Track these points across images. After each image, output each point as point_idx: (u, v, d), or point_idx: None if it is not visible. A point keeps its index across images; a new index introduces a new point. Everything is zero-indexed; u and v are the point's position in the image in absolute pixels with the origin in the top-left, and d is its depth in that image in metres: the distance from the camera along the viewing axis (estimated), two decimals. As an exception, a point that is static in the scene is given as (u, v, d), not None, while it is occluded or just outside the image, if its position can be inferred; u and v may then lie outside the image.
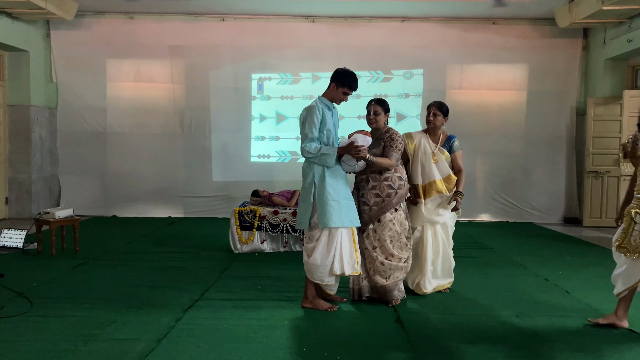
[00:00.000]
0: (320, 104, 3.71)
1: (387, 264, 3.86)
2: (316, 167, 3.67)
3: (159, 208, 8.40)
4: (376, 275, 3.89)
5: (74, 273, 4.73)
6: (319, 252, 3.65)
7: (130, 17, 8.27)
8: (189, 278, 4.60)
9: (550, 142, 8.37)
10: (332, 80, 3.72)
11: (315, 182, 3.66)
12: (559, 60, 8.30)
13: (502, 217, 8.41)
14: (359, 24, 8.30)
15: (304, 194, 3.74)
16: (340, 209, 3.62)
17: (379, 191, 3.86)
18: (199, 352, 2.98)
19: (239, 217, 5.66)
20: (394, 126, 8.32)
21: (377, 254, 3.88)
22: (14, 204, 8.05)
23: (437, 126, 4.15)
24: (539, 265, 5.29)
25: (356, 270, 3.74)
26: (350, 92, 3.70)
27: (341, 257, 3.65)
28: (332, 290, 3.88)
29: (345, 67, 3.74)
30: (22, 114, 7.93)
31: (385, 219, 3.86)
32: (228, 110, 8.46)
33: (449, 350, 3.06)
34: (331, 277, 3.71)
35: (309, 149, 3.62)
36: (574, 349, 3.09)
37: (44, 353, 2.93)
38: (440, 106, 4.17)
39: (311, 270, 3.71)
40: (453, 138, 4.18)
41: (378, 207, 3.86)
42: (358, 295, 3.96)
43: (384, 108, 3.95)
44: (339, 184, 3.68)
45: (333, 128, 3.76)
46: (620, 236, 3.43)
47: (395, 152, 3.85)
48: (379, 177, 3.87)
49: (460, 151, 4.18)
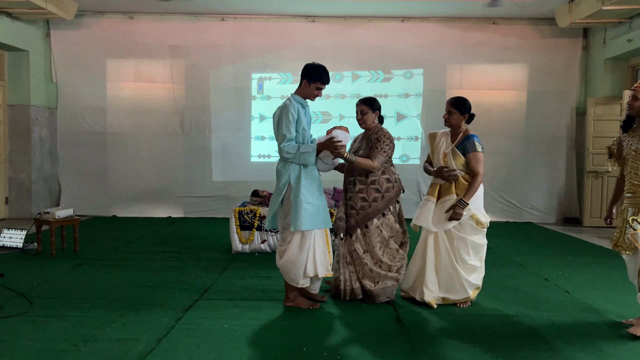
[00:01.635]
0: (294, 102, 3.64)
1: (376, 271, 3.81)
2: (292, 167, 3.62)
3: (159, 208, 8.40)
4: (365, 278, 3.85)
5: (74, 273, 4.73)
6: (291, 254, 3.62)
7: (130, 17, 8.27)
8: (189, 278, 4.60)
9: (550, 142, 8.37)
10: (303, 77, 3.66)
11: (290, 182, 3.62)
12: (559, 60, 8.30)
13: (502, 217, 8.41)
14: (359, 24, 8.30)
15: (275, 194, 3.70)
16: (314, 211, 3.60)
17: (365, 195, 3.78)
18: (199, 352, 2.98)
19: (239, 217, 5.66)
20: (394, 126, 8.37)
21: (367, 259, 3.81)
22: (14, 204, 8.05)
23: (453, 124, 3.83)
24: (539, 265, 5.29)
25: (329, 272, 3.75)
26: (323, 86, 3.67)
27: (314, 259, 3.64)
28: (313, 290, 3.86)
29: (314, 62, 3.69)
30: (22, 114, 7.94)
31: (372, 225, 3.78)
32: (228, 110, 8.46)
33: (449, 350, 3.06)
34: (305, 279, 3.69)
35: (289, 149, 3.56)
36: (574, 349, 3.08)
37: (44, 353, 2.93)
38: (454, 103, 3.81)
39: (285, 272, 3.70)
40: (470, 138, 3.74)
41: (365, 211, 3.78)
42: (351, 296, 3.89)
43: (372, 107, 3.85)
44: (313, 186, 3.65)
45: (307, 126, 3.72)
46: (615, 235, 3.47)
47: (380, 154, 3.72)
48: (366, 180, 3.78)
49: (476, 153, 3.69)
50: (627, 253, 3.38)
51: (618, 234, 3.44)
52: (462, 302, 3.87)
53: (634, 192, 3.33)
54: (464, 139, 3.77)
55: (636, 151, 3.32)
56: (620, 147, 3.50)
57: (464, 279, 3.80)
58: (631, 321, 3.50)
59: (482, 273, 3.96)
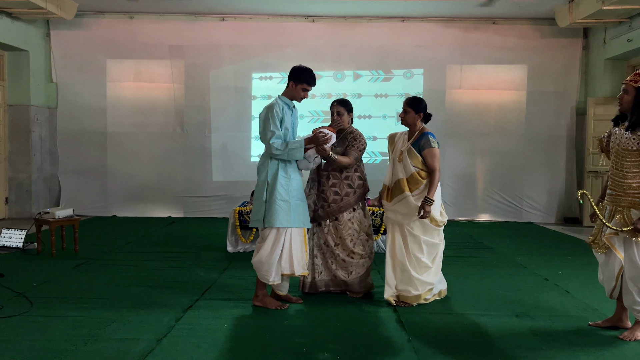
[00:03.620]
0: (280, 102, 3.74)
1: (349, 261, 3.99)
2: (271, 165, 3.69)
3: (159, 208, 8.40)
4: (338, 269, 4.02)
5: (74, 273, 4.73)
6: (264, 250, 3.65)
7: (130, 17, 8.27)
8: (189, 278, 4.60)
9: (550, 142, 8.37)
10: (290, 79, 3.76)
11: (268, 180, 3.67)
12: (559, 60, 8.30)
13: (502, 217, 8.41)
14: (359, 24, 8.29)
15: (257, 192, 3.75)
16: (290, 210, 3.63)
17: (338, 189, 3.97)
18: (199, 352, 2.98)
19: (239, 217, 5.66)
20: (395, 126, 8.36)
21: (339, 251, 3.98)
22: (14, 203, 8.05)
23: (409, 123, 3.90)
24: (539, 265, 5.29)
25: (305, 270, 3.79)
26: (310, 88, 3.77)
27: (290, 257, 3.66)
28: (281, 291, 3.85)
29: (301, 64, 3.79)
30: (22, 114, 7.93)
31: (343, 218, 3.97)
32: (228, 110, 8.46)
33: (449, 350, 3.06)
34: (278, 277, 3.70)
35: (277, 145, 3.63)
36: (574, 349, 3.08)
37: (44, 353, 2.93)
38: (409, 102, 3.88)
39: (257, 268, 3.73)
40: (425, 135, 3.79)
41: (336, 204, 3.97)
42: (313, 289, 4.05)
43: (347, 108, 4.05)
44: (291, 184, 3.69)
45: (291, 127, 3.79)
46: (593, 232, 3.43)
47: (355, 151, 3.95)
48: (340, 176, 3.98)
49: (432, 149, 3.73)
50: (599, 252, 3.34)
51: (596, 232, 3.39)
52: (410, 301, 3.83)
53: (614, 188, 3.24)
54: (419, 137, 3.83)
55: (619, 145, 3.21)
56: (608, 141, 3.39)
57: (415, 278, 3.80)
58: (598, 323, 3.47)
59: (437, 274, 3.96)
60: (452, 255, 5.57)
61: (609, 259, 3.32)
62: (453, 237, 6.53)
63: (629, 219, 3.14)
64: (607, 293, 3.40)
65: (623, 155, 3.19)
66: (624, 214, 3.17)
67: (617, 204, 3.22)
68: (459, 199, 8.43)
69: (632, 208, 3.15)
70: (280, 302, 3.81)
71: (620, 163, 3.21)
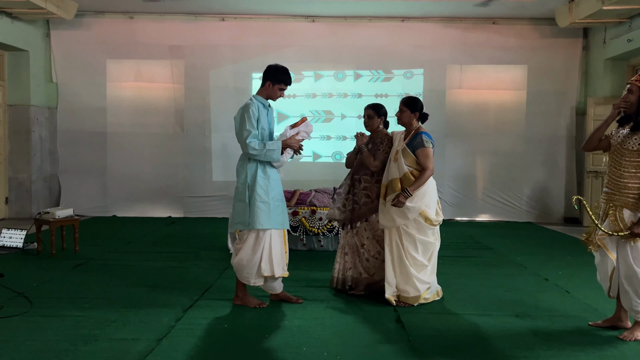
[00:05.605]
0: (255, 101, 3.71)
1: (373, 261, 4.09)
2: (249, 166, 3.68)
3: (159, 208, 8.40)
4: (362, 269, 4.11)
5: (74, 273, 4.73)
6: (245, 252, 3.65)
7: (130, 17, 8.27)
8: (189, 278, 4.60)
9: (550, 141, 8.37)
10: (266, 78, 3.74)
11: (248, 182, 3.66)
12: (559, 60, 8.30)
13: (502, 217, 8.41)
14: (359, 24, 8.29)
15: (238, 194, 3.72)
16: (269, 211, 3.63)
17: (369, 192, 4.07)
18: (199, 352, 2.98)
19: (239, 217, 5.65)
20: (395, 126, 8.33)
21: (364, 250, 4.10)
22: (14, 203, 8.05)
23: (404, 123, 3.95)
24: (539, 265, 5.29)
25: (285, 272, 3.79)
26: (286, 87, 3.76)
27: (270, 258, 3.66)
28: (276, 290, 3.85)
29: (277, 64, 3.78)
30: (22, 114, 7.93)
31: (372, 219, 4.07)
32: (228, 110, 8.43)
33: (449, 350, 3.06)
34: (259, 279, 3.70)
35: (255, 145, 3.60)
36: (574, 349, 3.08)
37: (44, 353, 2.93)
38: (405, 101, 3.95)
39: (237, 270, 3.73)
40: (419, 135, 3.82)
41: (367, 207, 4.07)
42: (342, 285, 4.15)
43: (378, 112, 4.10)
44: (270, 185, 3.69)
45: (267, 126, 3.78)
46: (587, 231, 3.45)
47: (382, 154, 4.02)
48: (371, 179, 4.08)
49: (425, 149, 3.76)
50: (593, 250, 3.38)
51: (590, 230, 3.41)
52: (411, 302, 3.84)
53: (610, 187, 3.26)
54: (414, 136, 3.86)
55: (620, 144, 3.23)
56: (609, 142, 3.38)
57: (414, 276, 3.81)
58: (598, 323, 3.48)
59: (433, 274, 3.97)
60: (452, 255, 5.58)
61: (603, 259, 3.35)
62: (453, 237, 6.54)
63: (621, 219, 3.17)
64: (605, 292, 3.42)
65: (623, 154, 3.21)
66: (617, 214, 3.19)
67: (611, 202, 3.25)
68: (459, 199, 8.42)
69: (625, 208, 3.17)
70: (260, 301, 3.82)
71: (618, 162, 3.24)
